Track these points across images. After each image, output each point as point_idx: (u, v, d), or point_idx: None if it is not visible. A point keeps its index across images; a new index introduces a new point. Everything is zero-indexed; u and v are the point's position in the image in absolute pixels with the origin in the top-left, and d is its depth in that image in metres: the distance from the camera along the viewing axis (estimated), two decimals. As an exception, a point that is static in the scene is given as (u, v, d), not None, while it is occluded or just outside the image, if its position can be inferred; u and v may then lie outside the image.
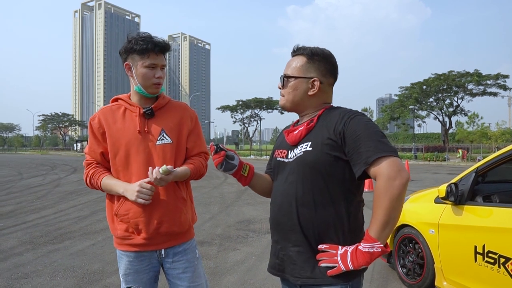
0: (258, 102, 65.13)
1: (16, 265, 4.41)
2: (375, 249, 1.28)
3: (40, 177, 16.49)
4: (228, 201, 9.40)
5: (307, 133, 1.47)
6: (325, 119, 1.46)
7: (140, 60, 1.78)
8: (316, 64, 1.50)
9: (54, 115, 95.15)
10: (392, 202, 1.27)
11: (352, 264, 1.30)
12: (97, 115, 1.87)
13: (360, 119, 1.39)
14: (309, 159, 1.41)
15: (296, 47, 1.55)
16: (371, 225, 1.31)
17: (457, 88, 43.57)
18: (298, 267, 1.42)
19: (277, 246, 1.53)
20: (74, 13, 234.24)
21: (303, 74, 1.50)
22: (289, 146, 1.53)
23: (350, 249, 1.33)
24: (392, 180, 1.26)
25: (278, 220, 1.51)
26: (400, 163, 1.30)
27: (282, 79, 1.54)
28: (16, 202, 9.15)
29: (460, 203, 3.16)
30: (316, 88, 1.50)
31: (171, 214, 1.80)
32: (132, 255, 1.82)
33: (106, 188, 1.80)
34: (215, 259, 4.66)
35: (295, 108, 1.55)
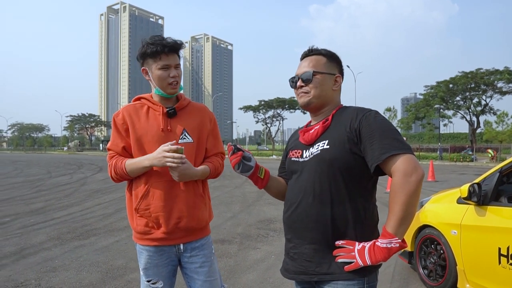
0: (280, 102, 64.98)
1: (45, 259, 4.59)
2: (393, 245, 1.30)
3: (67, 175, 17.02)
4: (249, 200, 9.45)
5: (324, 131, 1.51)
6: (340, 117, 1.50)
7: (154, 63, 1.85)
8: (335, 63, 1.59)
9: (81, 115, 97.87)
10: (409, 198, 1.29)
11: (370, 259, 1.32)
12: (121, 112, 1.93)
13: (375, 117, 1.43)
14: (327, 157, 1.43)
15: (311, 48, 1.61)
16: (388, 221, 1.33)
17: (486, 86, 42.23)
18: (314, 264, 1.43)
19: (289, 244, 1.54)
20: (100, 16, 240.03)
21: (329, 70, 1.57)
22: (303, 146, 1.56)
23: (367, 245, 1.35)
24: (408, 176, 1.29)
25: (293, 218, 1.51)
26: (415, 160, 1.33)
27: (310, 75, 1.54)
28: (45, 200, 9.49)
29: (484, 203, 3.09)
30: (339, 84, 1.59)
31: (190, 210, 1.86)
32: (152, 250, 1.87)
33: (131, 168, 1.82)
34: (235, 257, 4.71)
35: (320, 103, 1.57)
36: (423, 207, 4.05)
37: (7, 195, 10.33)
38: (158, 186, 1.83)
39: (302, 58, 1.63)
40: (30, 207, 8.41)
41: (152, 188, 1.84)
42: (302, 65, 1.60)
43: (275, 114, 67.80)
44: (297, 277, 1.50)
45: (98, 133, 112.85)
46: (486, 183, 3.15)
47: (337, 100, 1.61)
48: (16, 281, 3.87)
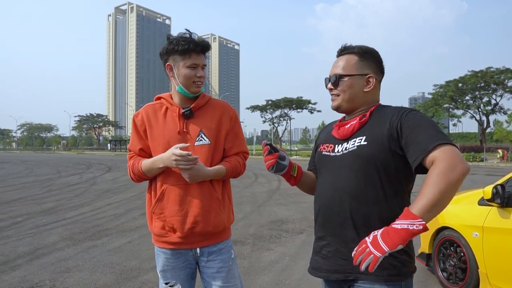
0: (287, 101, 64.83)
1: (58, 260, 4.59)
2: (415, 227, 1.15)
3: (77, 175, 17.12)
4: (259, 200, 9.41)
5: (360, 127, 1.45)
6: (378, 115, 1.45)
7: (182, 61, 1.79)
8: (369, 61, 1.51)
9: (89, 116, 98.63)
10: (448, 187, 1.18)
11: (386, 245, 1.16)
12: (140, 113, 1.91)
13: (417, 113, 1.38)
14: (365, 153, 1.38)
15: (343, 46, 1.55)
16: (415, 204, 1.19)
17: (496, 86, 41.78)
18: (350, 263, 1.35)
19: (321, 242, 1.49)
20: (108, 17, 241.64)
21: (358, 71, 1.50)
22: (336, 140, 1.51)
23: (379, 232, 1.21)
24: (453, 166, 1.20)
25: (326, 215, 1.47)
26: (460, 153, 1.25)
27: (336, 78, 1.51)
28: (56, 200, 9.53)
29: (508, 205, 3.02)
30: (372, 85, 1.50)
31: (206, 215, 1.80)
32: (168, 252, 1.85)
33: (146, 168, 1.81)
34: (249, 258, 4.67)
35: (351, 106, 1.52)
36: (441, 209, 3.97)
37: (18, 195, 10.40)
38: (173, 190, 1.80)
39: (337, 56, 1.57)
40: (42, 207, 8.45)
41: (167, 192, 1.81)
42: (334, 64, 1.54)
43: (282, 113, 67.66)
44: (331, 275, 1.44)
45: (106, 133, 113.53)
46: (510, 184, 3.07)
47: (372, 100, 1.53)
48: (31, 282, 3.86)
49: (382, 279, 1.33)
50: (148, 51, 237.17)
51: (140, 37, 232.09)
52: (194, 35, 1.83)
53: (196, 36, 1.83)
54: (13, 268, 4.27)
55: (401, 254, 1.34)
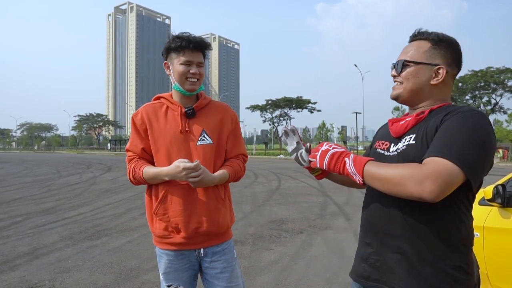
0: (287, 101, 64.85)
1: (58, 260, 4.57)
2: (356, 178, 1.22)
3: (76, 175, 17.09)
4: (259, 200, 9.40)
5: (415, 124, 1.29)
6: (438, 113, 1.27)
7: (176, 58, 1.80)
8: (443, 51, 1.32)
9: (88, 115, 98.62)
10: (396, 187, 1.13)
11: (327, 165, 1.29)
12: (140, 112, 1.88)
13: (469, 118, 1.17)
14: (411, 155, 1.22)
15: (417, 31, 1.37)
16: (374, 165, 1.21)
17: (496, 85, 41.83)
18: (397, 277, 1.25)
19: (369, 249, 1.35)
20: (108, 17, 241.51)
21: (427, 60, 1.31)
22: (392, 138, 1.36)
23: (334, 150, 1.30)
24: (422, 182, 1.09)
25: (374, 222, 1.34)
26: (450, 178, 1.09)
27: (401, 64, 1.34)
28: (56, 199, 9.51)
29: (508, 205, 3.00)
30: (441, 77, 1.31)
31: (211, 215, 1.80)
32: (171, 254, 1.83)
33: (149, 177, 1.79)
34: (249, 258, 4.66)
35: (412, 98, 1.35)
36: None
37: (18, 195, 10.39)
38: (176, 191, 1.79)
39: (409, 40, 1.40)
40: (41, 206, 8.43)
41: (170, 193, 1.80)
42: (403, 50, 1.38)
43: (282, 113, 67.67)
44: (375, 285, 1.32)
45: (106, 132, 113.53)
46: (511, 184, 3.06)
47: (440, 96, 1.34)
48: (31, 282, 3.85)
49: None
50: (148, 50, 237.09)
51: (140, 36, 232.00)
52: (193, 35, 1.82)
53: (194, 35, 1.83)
54: (12, 268, 4.26)
55: (457, 271, 1.21)
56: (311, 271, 4.18)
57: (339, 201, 8.99)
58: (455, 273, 1.20)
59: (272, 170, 19.27)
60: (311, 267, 4.33)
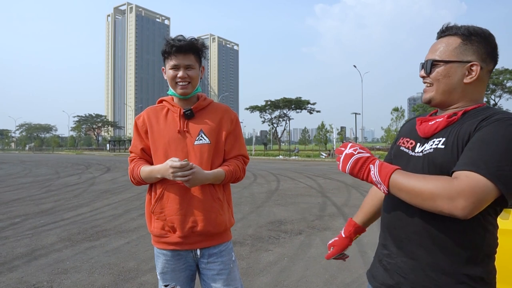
0: (286, 102, 64.89)
1: (56, 261, 4.56)
2: (381, 188, 1.14)
3: (76, 176, 17.07)
4: (258, 201, 9.39)
5: (446, 126, 1.20)
6: (472, 116, 1.18)
7: (167, 63, 1.86)
8: (475, 45, 1.22)
9: (88, 116, 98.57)
10: (426, 201, 1.06)
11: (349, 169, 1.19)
12: (142, 115, 1.95)
13: (506, 126, 1.07)
14: (439, 160, 1.15)
15: (445, 26, 1.28)
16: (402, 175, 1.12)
17: (495, 86, 41.87)
18: (409, 283, 1.21)
19: (383, 250, 1.32)
20: (107, 17, 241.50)
21: (458, 57, 1.22)
22: (419, 137, 1.28)
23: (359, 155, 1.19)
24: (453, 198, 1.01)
25: (393, 224, 1.28)
26: (484, 195, 1.01)
27: (430, 64, 1.25)
28: (55, 200, 9.50)
29: (509, 206, 3.00)
30: (475, 75, 1.21)
31: (207, 214, 1.81)
32: (169, 254, 1.85)
33: (144, 176, 1.84)
34: (248, 259, 4.65)
35: (446, 100, 1.26)
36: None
37: (16, 195, 10.37)
38: (173, 189, 1.81)
39: (437, 37, 1.30)
40: (40, 207, 8.42)
41: (167, 191, 1.82)
42: (431, 48, 1.28)
43: (281, 114, 67.73)
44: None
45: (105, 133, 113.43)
46: (510, 185, 3.06)
47: (475, 96, 1.24)
48: (28, 283, 3.84)
49: None
50: (147, 51, 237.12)
51: (139, 37, 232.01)
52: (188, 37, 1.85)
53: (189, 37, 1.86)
54: (11, 270, 4.25)
55: (476, 282, 1.16)
56: (310, 272, 4.18)
57: (338, 202, 8.99)
58: (474, 285, 1.16)
59: (271, 171, 19.28)
60: (310, 268, 4.32)
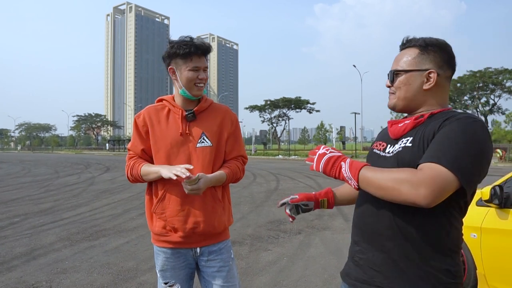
0: (286, 101, 64.89)
1: (55, 261, 4.56)
2: (352, 182, 1.23)
3: (75, 175, 17.07)
4: (257, 201, 9.39)
5: (413, 127, 1.30)
6: (437, 118, 1.27)
7: (184, 64, 1.83)
8: (432, 55, 1.32)
9: (87, 115, 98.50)
10: (392, 192, 1.13)
11: (323, 168, 1.29)
12: (142, 113, 1.93)
13: (466, 125, 1.17)
14: (408, 157, 1.23)
15: (405, 39, 1.39)
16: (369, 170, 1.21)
17: (494, 86, 41.92)
18: (382, 276, 1.26)
19: (355, 247, 1.37)
20: (107, 17, 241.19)
21: (416, 66, 1.32)
22: (390, 139, 1.37)
23: (330, 154, 1.30)
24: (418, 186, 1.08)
25: (364, 220, 1.35)
26: (445, 184, 1.09)
27: (392, 74, 1.37)
28: (54, 200, 9.50)
29: (506, 206, 3.01)
30: (433, 81, 1.31)
31: (208, 215, 1.83)
32: (169, 252, 1.87)
33: (147, 175, 1.83)
34: (247, 259, 4.65)
35: (408, 105, 1.36)
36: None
37: (16, 195, 10.37)
38: (175, 190, 1.82)
39: (400, 49, 1.42)
40: (39, 207, 8.41)
41: (168, 192, 1.83)
42: (394, 60, 1.40)
43: (281, 113, 67.73)
44: (360, 285, 1.32)
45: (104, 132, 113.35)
46: (509, 185, 3.06)
47: (438, 101, 1.33)
48: (27, 283, 3.84)
49: None
50: (147, 51, 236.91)
51: (139, 37, 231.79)
52: (195, 39, 1.86)
53: (196, 39, 1.86)
54: (10, 269, 4.25)
55: (444, 274, 1.21)
56: (309, 272, 4.18)
57: (338, 202, 8.98)
58: (441, 276, 1.21)
59: (271, 170, 19.25)
60: (309, 267, 4.33)
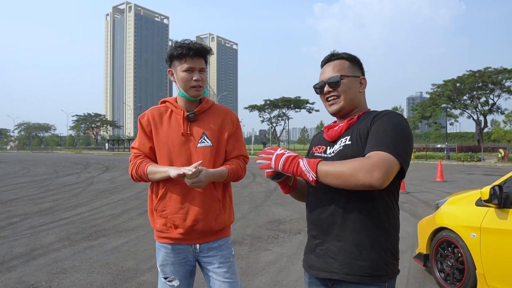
0: (285, 101, 64.82)
1: (55, 261, 4.56)
2: (310, 175, 1.35)
3: (74, 175, 17.06)
4: (257, 201, 9.40)
5: (348, 128, 1.51)
6: (365, 117, 1.50)
7: (179, 65, 1.90)
8: (357, 66, 1.58)
9: (86, 115, 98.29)
10: (349, 178, 1.29)
11: (281, 166, 1.41)
12: (146, 114, 2.00)
13: (391, 117, 1.42)
14: (349, 153, 1.42)
15: (332, 52, 1.60)
16: (325, 164, 1.36)
17: (493, 86, 41.82)
18: (338, 262, 1.42)
19: (315, 241, 1.52)
20: (106, 16, 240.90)
21: (353, 73, 1.56)
22: (328, 142, 1.56)
23: (288, 154, 1.42)
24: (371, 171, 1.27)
25: (318, 215, 1.50)
26: (392, 167, 1.30)
27: (338, 79, 1.52)
28: (53, 200, 9.49)
29: (505, 206, 3.01)
30: (365, 86, 1.58)
31: (207, 213, 1.89)
32: (169, 247, 1.93)
33: (153, 175, 1.88)
34: (247, 259, 4.65)
35: (350, 107, 1.55)
36: (439, 209, 3.97)
37: (15, 195, 10.36)
38: (176, 189, 1.88)
39: (324, 64, 1.61)
40: (39, 207, 8.41)
41: (169, 191, 1.89)
42: (325, 70, 1.57)
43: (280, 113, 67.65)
44: (320, 273, 1.48)
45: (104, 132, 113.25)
46: (508, 185, 3.07)
47: (364, 102, 1.60)
48: (27, 283, 3.84)
49: (367, 280, 1.38)
50: (146, 50, 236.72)
51: (138, 36, 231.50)
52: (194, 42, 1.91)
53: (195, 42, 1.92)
54: (9, 269, 4.24)
55: (387, 254, 1.41)
56: (309, 272, 4.18)
57: (337, 202, 8.98)
58: (386, 256, 1.41)
59: (270, 170, 19.25)
60: (309, 267, 4.32)
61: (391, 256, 1.43)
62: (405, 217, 7.24)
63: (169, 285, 1.93)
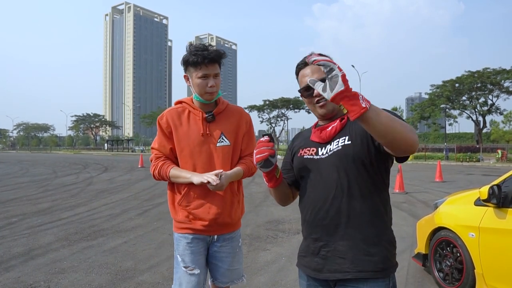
0: (285, 101, 64.83)
1: (53, 261, 4.55)
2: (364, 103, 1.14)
3: (73, 175, 17.04)
4: (256, 200, 9.40)
5: (342, 128, 1.51)
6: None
7: (194, 72, 2.01)
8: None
9: (86, 115, 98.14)
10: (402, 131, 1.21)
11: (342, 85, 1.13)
12: (164, 115, 2.12)
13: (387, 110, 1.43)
14: (350, 152, 1.44)
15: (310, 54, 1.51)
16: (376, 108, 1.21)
17: (492, 86, 41.85)
18: (349, 261, 1.41)
19: (318, 243, 1.49)
20: (105, 17, 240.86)
21: None
22: (318, 144, 1.56)
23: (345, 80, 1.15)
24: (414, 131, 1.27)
25: (322, 216, 1.48)
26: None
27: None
28: (52, 200, 9.48)
29: (504, 206, 3.01)
30: None
31: (227, 207, 2.07)
32: (190, 237, 2.07)
33: (176, 178, 2.03)
34: (246, 258, 4.65)
35: (337, 109, 1.54)
36: (437, 209, 3.97)
37: (13, 195, 10.34)
38: (198, 187, 2.02)
39: (302, 68, 1.54)
40: (37, 207, 8.39)
41: (191, 190, 2.04)
42: (305, 73, 1.52)
43: (279, 114, 67.67)
44: (331, 275, 1.45)
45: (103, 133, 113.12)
46: (507, 185, 3.07)
47: None
48: (25, 283, 3.83)
49: (380, 274, 1.40)
50: (145, 51, 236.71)
51: (137, 36, 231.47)
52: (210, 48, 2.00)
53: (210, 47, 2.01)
54: (7, 269, 4.23)
55: (390, 246, 1.46)
56: (308, 272, 4.18)
57: (336, 202, 8.99)
58: (390, 248, 1.45)
59: (269, 170, 19.24)
60: (308, 267, 4.32)
61: (393, 247, 1.47)
62: (404, 217, 7.25)
63: (189, 274, 2.04)
